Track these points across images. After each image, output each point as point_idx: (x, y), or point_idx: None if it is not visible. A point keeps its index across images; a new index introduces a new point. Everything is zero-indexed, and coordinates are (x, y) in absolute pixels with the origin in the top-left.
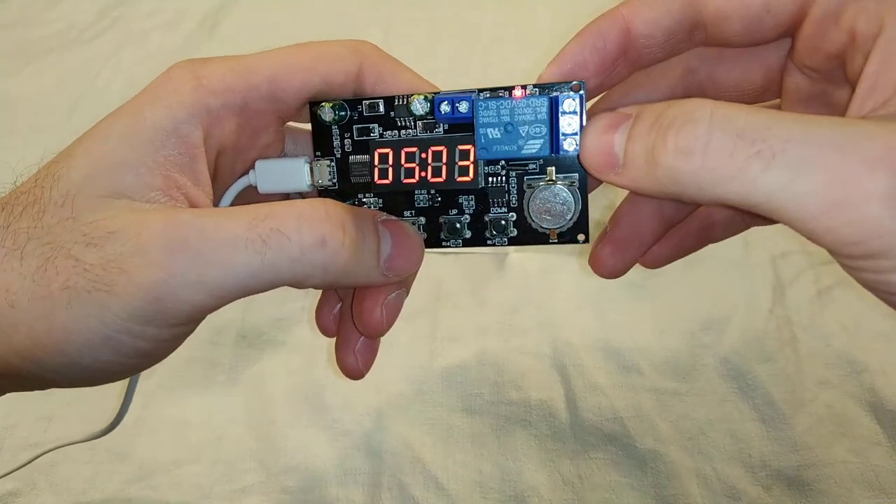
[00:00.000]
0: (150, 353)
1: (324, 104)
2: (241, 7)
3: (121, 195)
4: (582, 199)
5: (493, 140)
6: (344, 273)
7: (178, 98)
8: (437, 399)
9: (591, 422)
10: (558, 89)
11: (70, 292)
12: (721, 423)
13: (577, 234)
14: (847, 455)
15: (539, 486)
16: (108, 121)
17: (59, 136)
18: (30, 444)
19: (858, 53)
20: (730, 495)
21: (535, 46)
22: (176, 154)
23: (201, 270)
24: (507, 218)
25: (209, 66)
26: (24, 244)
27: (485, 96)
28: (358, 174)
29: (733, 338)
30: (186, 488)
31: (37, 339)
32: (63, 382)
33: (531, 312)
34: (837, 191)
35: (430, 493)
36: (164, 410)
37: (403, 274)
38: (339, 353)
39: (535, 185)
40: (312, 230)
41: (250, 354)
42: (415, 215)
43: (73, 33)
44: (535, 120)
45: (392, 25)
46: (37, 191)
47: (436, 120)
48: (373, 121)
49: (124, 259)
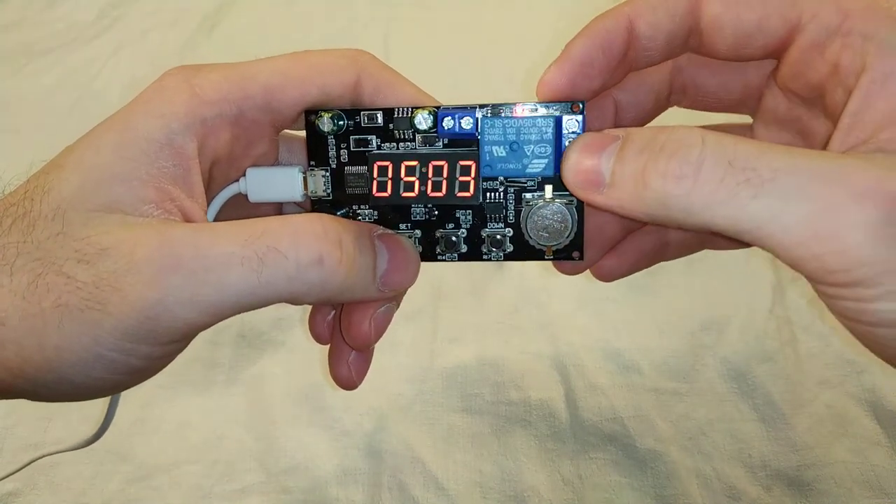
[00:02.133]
0: (143, 370)
1: (321, 114)
2: (241, 7)
3: (113, 209)
4: (579, 218)
5: (498, 158)
6: (340, 290)
7: (172, 108)
8: (438, 399)
9: (591, 422)
10: (559, 109)
11: (62, 310)
12: (721, 423)
13: (572, 252)
14: (847, 455)
15: (539, 486)
16: (99, 130)
17: (59, 136)
18: (30, 445)
19: (839, 87)
20: (730, 495)
21: (535, 46)
22: (170, 166)
23: (195, 289)
24: (504, 233)
25: (203, 74)
26: (13, 259)
27: (489, 113)
28: (354, 185)
29: (733, 338)
30: (186, 488)
31: (27, 357)
32: (53, 397)
33: (531, 312)
34: (825, 220)
35: (430, 493)
36: (164, 410)
37: (399, 289)
38: (333, 364)
39: (532, 202)
40: (309, 248)
41: (250, 354)
42: (410, 228)
43: (73, 33)
44: (540, 140)
45: (392, 25)
46: (26, 203)
47: (437, 134)
48: (371, 132)
49: (117, 277)
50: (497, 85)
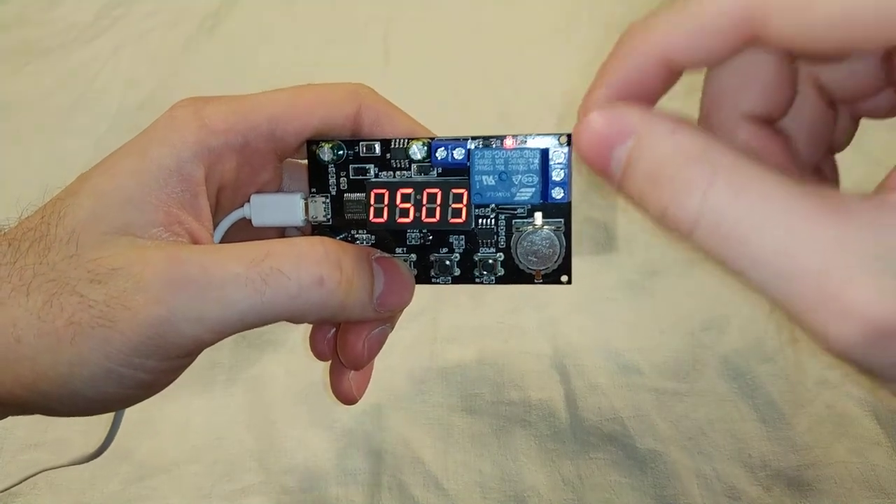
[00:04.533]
0: (151, 384)
1: (322, 144)
2: (241, 7)
3: (125, 232)
4: (567, 243)
5: (488, 186)
6: (339, 310)
7: (181, 138)
8: (437, 399)
9: (591, 422)
10: (546, 142)
11: (75, 328)
12: (721, 423)
13: (560, 276)
14: (847, 455)
15: (539, 486)
16: (113, 159)
17: (59, 136)
18: (30, 445)
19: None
20: (730, 495)
21: (535, 46)
22: (179, 191)
23: (202, 307)
24: (495, 258)
25: (212, 106)
26: (30, 280)
27: (480, 145)
28: (352, 211)
29: (733, 338)
30: (186, 488)
31: (42, 373)
32: (66, 412)
33: (531, 312)
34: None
35: (430, 493)
36: (164, 411)
37: (395, 309)
38: (333, 380)
39: (523, 228)
40: (310, 270)
41: (250, 354)
42: (406, 252)
43: (73, 33)
44: (527, 170)
45: (392, 25)
46: (42, 227)
47: (431, 164)
48: (369, 161)
49: (127, 295)
50: (497, 85)
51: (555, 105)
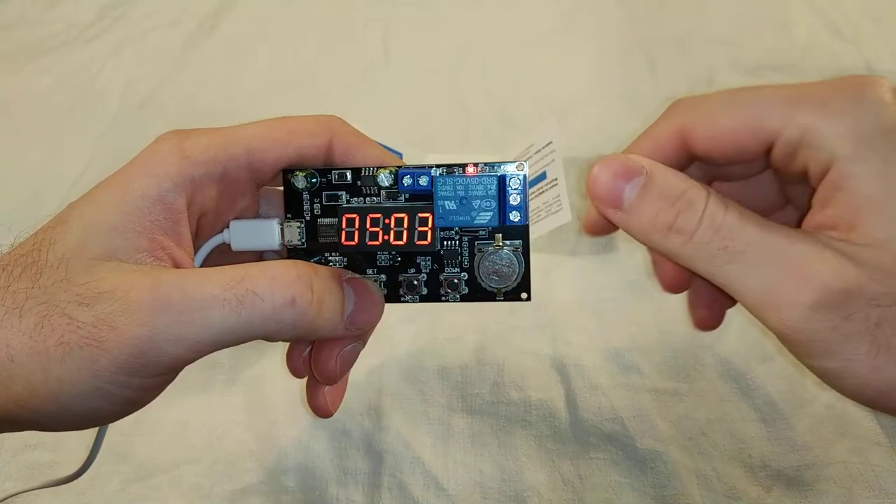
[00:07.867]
0: (136, 400)
1: (297, 173)
2: (241, 7)
3: (111, 257)
4: (525, 263)
5: (450, 211)
6: (311, 328)
7: (164, 169)
8: (437, 399)
9: (591, 422)
10: (505, 168)
11: (64, 347)
12: (721, 423)
13: (520, 293)
14: (847, 455)
15: (539, 486)
16: (99, 189)
17: (59, 136)
18: (29, 446)
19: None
20: (730, 495)
21: (535, 46)
22: (161, 219)
23: (182, 328)
24: (459, 277)
25: (193, 138)
26: (22, 303)
27: (443, 172)
28: (325, 235)
29: (733, 338)
30: (186, 488)
31: (34, 390)
32: (56, 427)
33: (531, 312)
34: (775, 293)
35: (430, 493)
36: (164, 411)
37: (365, 327)
38: (310, 395)
39: (484, 249)
40: (283, 291)
41: (250, 354)
42: (376, 273)
43: (73, 33)
44: (485, 195)
45: (392, 25)
46: (34, 253)
47: (399, 190)
48: (341, 188)
49: (113, 317)
50: (496, 85)
51: (555, 105)
